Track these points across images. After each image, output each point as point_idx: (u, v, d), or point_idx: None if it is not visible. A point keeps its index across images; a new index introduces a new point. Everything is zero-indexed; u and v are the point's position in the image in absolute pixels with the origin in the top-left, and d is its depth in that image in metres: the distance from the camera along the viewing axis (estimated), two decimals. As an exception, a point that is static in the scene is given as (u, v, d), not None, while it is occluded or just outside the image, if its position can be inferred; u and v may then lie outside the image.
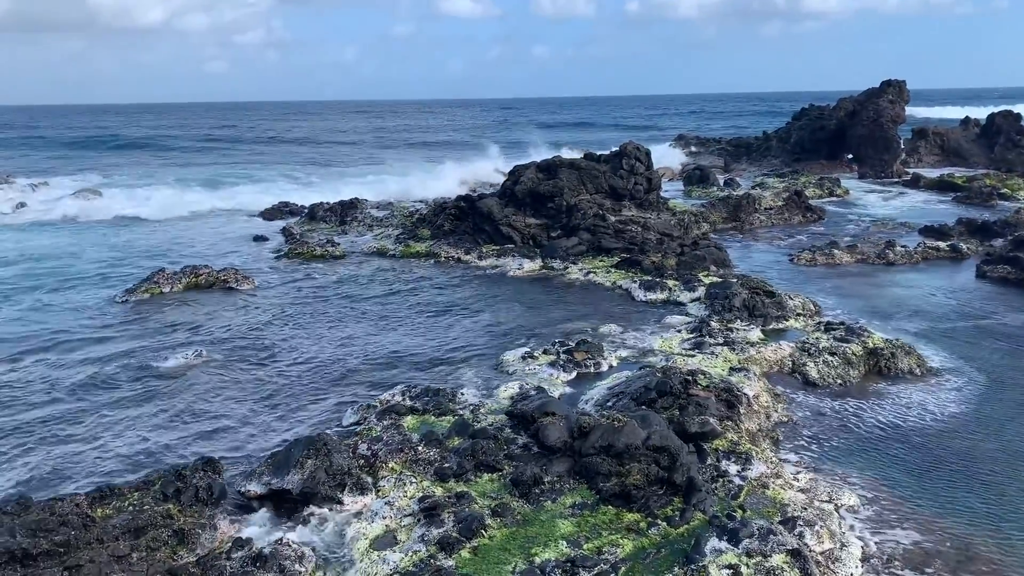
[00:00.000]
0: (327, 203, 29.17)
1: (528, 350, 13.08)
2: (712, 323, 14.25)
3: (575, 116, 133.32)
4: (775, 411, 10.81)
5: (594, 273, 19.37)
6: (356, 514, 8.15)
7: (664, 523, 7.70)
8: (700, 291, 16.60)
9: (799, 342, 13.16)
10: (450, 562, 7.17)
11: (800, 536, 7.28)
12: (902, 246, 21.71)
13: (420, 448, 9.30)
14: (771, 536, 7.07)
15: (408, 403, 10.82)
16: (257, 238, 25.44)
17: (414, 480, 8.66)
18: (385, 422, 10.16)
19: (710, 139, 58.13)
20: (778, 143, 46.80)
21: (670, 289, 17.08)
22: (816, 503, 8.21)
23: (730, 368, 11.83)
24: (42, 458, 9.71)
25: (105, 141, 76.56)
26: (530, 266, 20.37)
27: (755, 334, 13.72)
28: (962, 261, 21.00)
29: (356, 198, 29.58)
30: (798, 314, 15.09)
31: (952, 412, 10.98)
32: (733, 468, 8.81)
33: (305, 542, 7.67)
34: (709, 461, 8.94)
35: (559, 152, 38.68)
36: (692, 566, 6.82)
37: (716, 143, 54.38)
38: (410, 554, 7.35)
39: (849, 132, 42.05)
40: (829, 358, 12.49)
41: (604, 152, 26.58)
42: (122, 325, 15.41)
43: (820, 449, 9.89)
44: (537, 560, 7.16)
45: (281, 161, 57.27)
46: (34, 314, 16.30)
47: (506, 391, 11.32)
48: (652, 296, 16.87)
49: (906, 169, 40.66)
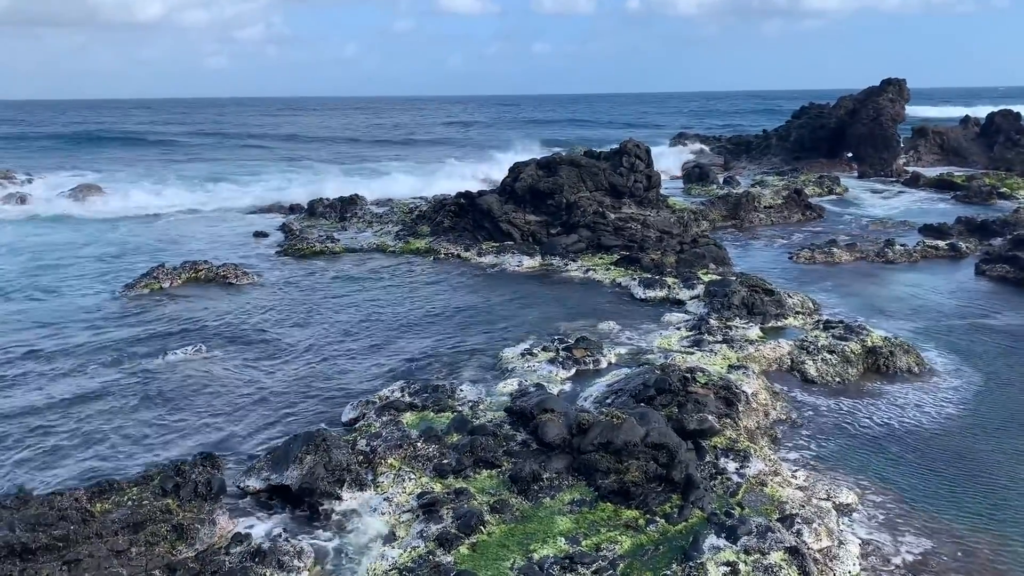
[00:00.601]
0: (327, 199, 29.14)
1: (527, 347, 13.09)
2: (711, 321, 14.26)
3: (573, 113, 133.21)
4: (774, 409, 10.82)
5: (594, 270, 19.38)
6: (355, 510, 8.17)
7: (662, 520, 7.71)
8: (699, 289, 16.62)
9: (798, 340, 13.17)
10: (449, 558, 7.19)
11: (798, 534, 7.30)
12: (901, 245, 21.72)
13: (419, 444, 9.31)
14: (769, 534, 7.09)
15: (407, 399, 10.83)
16: (257, 234, 25.44)
17: (413, 476, 8.68)
18: (384, 418, 10.18)
19: (710, 137, 58.11)
20: (778, 141, 46.76)
21: (669, 287, 17.09)
22: (814, 501, 8.23)
23: (729, 366, 11.84)
24: (41, 453, 9.72)
25: (104, 137, 76.42)
26: (530, 263, 20.37)
27: (754, 332, 13.73)
28: (961, 260, 21.01)
29: (356, 194, 29.54)
30: (797, 312, 15.11)
31: (950, 411, 11.00)
32: (731, 466, 8.83)
33: (304, 537, 7.69)
34: (708, 459, 8.95)
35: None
36: (690, 563, 6.84)
37: (716, 141, 54.37)
38: (409, 550, 7.36)
39: (849, 131, 42.02)
40: (828, 356, 12.50)
41: (604, 149, 26.57)
42: (121, 320, 15.41)
43: (818, 447, 9.90)
44: (536, 556, 7.18)
45: (281, 157, 57.24)
46: (32, 309, 16.30)
47: (505, 388, 11.33)
48: (651, 294, 16.87)
49: (906, 168, 40.65)
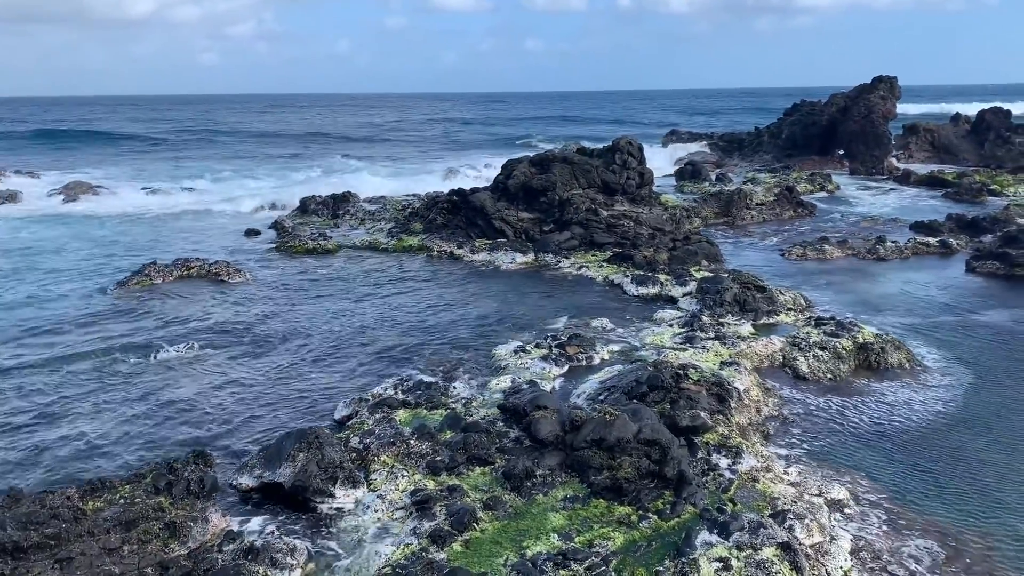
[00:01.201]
0: (319, 196, 29.05)
1: (520, 344, 13.10)
2: (703, 317, 14.29)
3: (564, 110, 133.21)
4: (766, 405, 10.86)
5: (586, 267, 19.40)
6: (348, 508, 8.17)
7: (655, 516, 7.73)
8: (691, 286, 16.65)
9: (790, 336, 13.21)
10: (442, 555, 7.19)
11: (790, 529, 7.33)
12: (892, 242, 21.81)
13: (412, 441, 9.31)
14: (761, 529, 7.11)
15: (400, 397, 10.83)
16: (249, 232, 25.36)
17: (406, 473, 8.68)
18: (377, 415, 10.17)
19: (702, 134, 58.22)
20: (770, 139, 46.86)
21: (662, 284, 17.12)
22: (806, 497, 8.26)
23: (721, 362, 11.87)
24: (32, 451, 9.69)
25: (96, 134, 76.03)
26: (522, 260, 20.38)
27: (746, 328, 13.78)
28: (951, 257, 21.12)
29: (348, 191, 29.48)
30: (789, 309, 15.16)
31: (941, 407, 11.06)
32: (724, 462, 8.86)
33: (297, 535, 7.69)
34: (700, 455, 8.98)
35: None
36: (683, 559, 6.86)
37: (708, 138, 54.47)
38: (402, 547, 7.37)
39: (840, 128, 42.15)
40: (819, 352, 12.55)
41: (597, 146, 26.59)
42: (113, 317, 15.35)
43: (810, 443, 9.94)
44: (529, 553, 7.19)
45: (274, 154, 57.09)
46: (24, 306, 16.21)
47: (498, 385, 11.33)
48: (644, 290, 16.91)
49: (897, 165, 40.81)
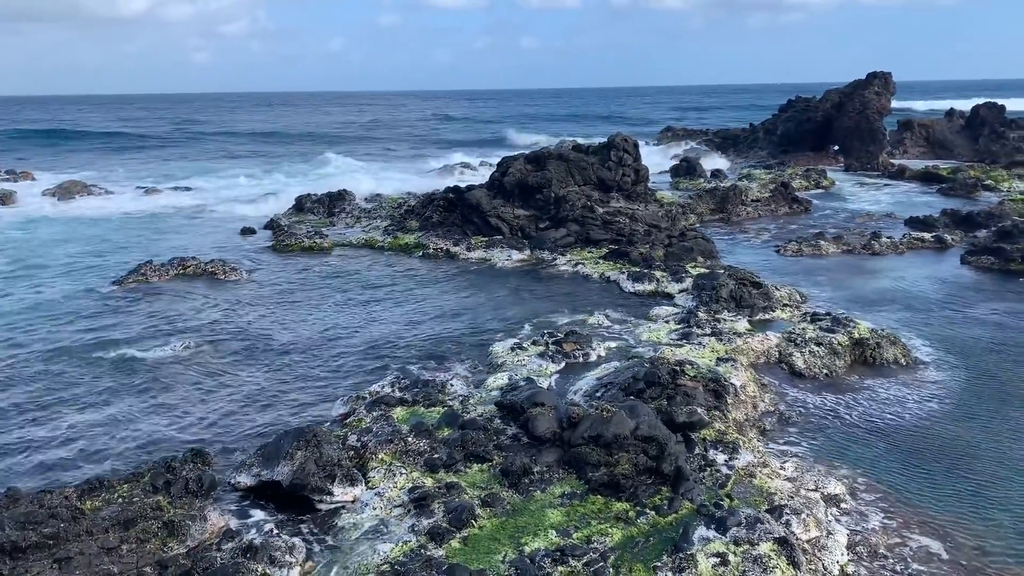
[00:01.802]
0: (315, 194, 29.03)
1: (517, 341, 13.11)
2: (700, 314, 14.32)
3: (563, 108, 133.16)
4: (762, 401, 10.89)
5: (582, 264, 19.42)
6: (346, 505, 8.18)
7: (652, 512, 7.76)
8: (688, 282, 16.68)
9: (786, 332, 13.25)
10: (440, 552, 7.21)
11: (787, 524, 7.35)
12: (887, 237, 21.88)
13: (410, 439, 9.32)
14: (758, 525, 7.14)
15: (398, 394, 10.84)
16: (244, 230, 25.33)
17: (404, 471, 8.69)
18: (375, 413, 10.18)
19: (697, 131, 58.29)
20: (765, 135, 46.95)
21: (658, 280, 17.15)
22: (803, 492, 8.29)
23: (717, 358, 11.90)
24: (30, 450, 9.68)
25: (91, 134, 75.82)
26: (519, 257, 20.39)
27: (742, 324, 13.81)
28: (946, 251, 21.20)
29: (344, 189, 29.46)
30: (785, 304, 15.20)
31: (936, 401, 11.10)
32: (720, 457, 8.88)
33: (296, 532, 7.70)
34: (697, 451, 9.00)
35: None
36: (680, 555, 6.89)
37: (703, 135, 54.55)
38: (400, 544, 7.38)
39: (835, 124, 42.23)
40: (815, 348, 12.59)
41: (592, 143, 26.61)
42: (109, 316, 15.33)
43: (806, 438, 9.98)
44: (527, 549, 7.21)
45: (270, 153, 57.00)
46: (20, 305, 16.19)
47: (495, 382, 11.35)
48: (640, 287, 16.93)
49: (891, 161, 40.88)
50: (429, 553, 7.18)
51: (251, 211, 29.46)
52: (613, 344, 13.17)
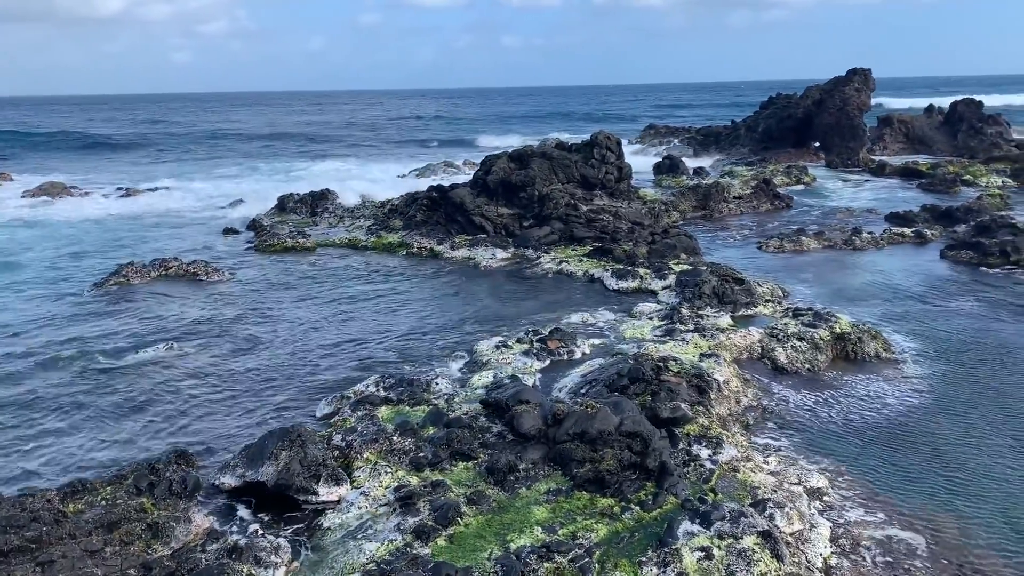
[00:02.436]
0: (297, 194, 28.88)
1: (502, 339, 13.13)
2: (683, 310, 14.40)
3: (545, 106, 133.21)
4: (745, 396, 10.97)
5: (566, 262, 19.46)
6: (331, 505, 8.16)
7: (637, 507, 7.80)
8: (671, 279, 16.76)
9: (768, 328, 13.34)
10: (426, 550, 7.21)
11: (770, 518, 7.42)
12: (868, 232, 22.07)
13: (395, 438, 9.32)
14: (742, 518, 7.20)
15: (382, 393, 10.83)
16: (227, 230, 25.20)
17: (389, 470, 8.69)
18: (359, 413, 10.17)
19: (679, 128, 58.49)
20: (746, 132, 47.16)
21: (641, 277, 17.22)
22: (786, 485, 8.37)
23: (700, 354, 11.97)
24: (11, 453, 9.59)
25: (70, 134, 75.11)
26: (503, 256, 20.40)
27: (725, 320, 13.89)
28: (926, 246, 21.42)
29: (327, 189, 29.32)
30: (767, 300, 15.31)
31: (917, 395, 11.22)
32: (704, 452, 8.94)
33: (281, 533, 7.68)
34: (681, 446, 9.05)
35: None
36: (665, 549, 6.93)
37: (685, 132, 54.74)
38: (386, 543, 7.38)
39: (816, 120, 42.50)
40: (797, 343, 12.68)
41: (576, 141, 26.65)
42: (90, 318, 15.21)
43: (789, 433, 10.06)
44: (513, 546, 7.23)
45: (251, 152, 56.68)
46: (0, 309, 16.05)
47: (480, 380, 11.36)
48: (624, 284, 17.00)
49: (872, 157, 41.22)
50: (415, 551, 7.19)
51: (233, 211, 29.27)
52: (597, 341, 13.21)
